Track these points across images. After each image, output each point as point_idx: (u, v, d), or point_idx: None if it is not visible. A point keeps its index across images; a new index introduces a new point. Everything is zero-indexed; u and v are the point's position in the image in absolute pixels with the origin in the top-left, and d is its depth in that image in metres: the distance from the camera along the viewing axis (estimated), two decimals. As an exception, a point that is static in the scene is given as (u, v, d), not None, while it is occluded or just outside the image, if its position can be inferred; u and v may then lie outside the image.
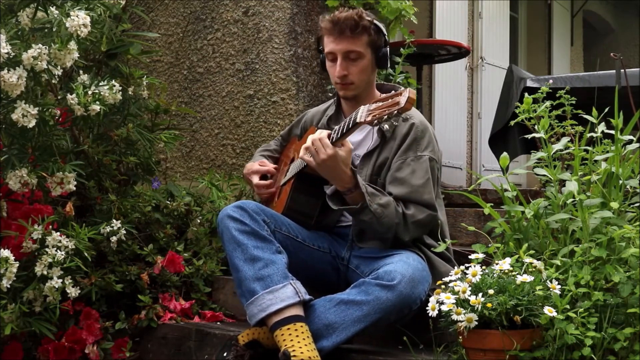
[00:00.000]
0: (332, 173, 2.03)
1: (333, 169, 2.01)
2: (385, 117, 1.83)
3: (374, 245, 2.17)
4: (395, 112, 1.81)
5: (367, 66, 2.21)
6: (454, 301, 1.74)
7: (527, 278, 1.74)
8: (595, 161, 2.09)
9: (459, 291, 1.76)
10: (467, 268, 1.83)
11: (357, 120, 1.90)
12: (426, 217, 2.11)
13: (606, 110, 2.15)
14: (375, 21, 2.21)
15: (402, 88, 1.85)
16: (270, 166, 2.44)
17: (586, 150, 2.12)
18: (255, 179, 2.42)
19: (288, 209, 2.23)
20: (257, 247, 2.02)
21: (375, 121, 1.85)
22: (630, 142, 2.06)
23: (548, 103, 2.29)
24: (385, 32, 2.24)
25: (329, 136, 2.00)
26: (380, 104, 1.86)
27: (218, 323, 2.64)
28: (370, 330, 1.98)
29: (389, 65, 2.29)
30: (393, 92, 1.89)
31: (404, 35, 3.63)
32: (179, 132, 3.04)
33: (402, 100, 1.79)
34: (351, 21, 2.15)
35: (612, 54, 3.31)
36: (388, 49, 2.25)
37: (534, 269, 1.81)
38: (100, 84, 2.27)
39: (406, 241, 2.10)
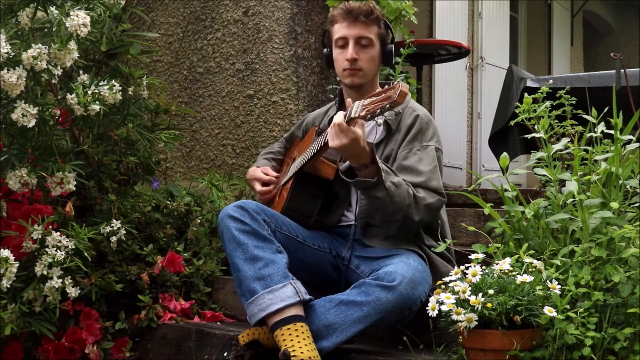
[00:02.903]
0: (352, 154, 1.99)
1: (353, 150, 1.97)
2: (379, 111, 1.84)
3: (378, 242, 2.17)
4: (388, 105, 1.82)
5: (375, 56, 2.27)
6: (454, 301, 1.74)
7: (527, 278, 1.74)
8: (595, 161, 2.09)
9: (459, 291, 1.76)
10: (467, 268, 1.83)
11: (352, 115, 1.91)
12: (437, 202, 2.12)
13: (606, 110, 2.15)
14: (385, 17, 2.30)
15: (396, 82, 1.86)
16: (272, 174, 2.45)
17: (586, 150, 2.12)
18: (258, 186, 2.43)
19: (287, 209, 2.23)
20: (257, 247, 2.03)
21: (369, 115, 1.86)
22: (629, 142, 2.06)
23: (548, 103, 2.29)
24: (392, 30, 2.32)
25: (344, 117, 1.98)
26: (374, 98, 1.88)
27: (218, 323, 2.64)
28: (371, 331, 1.98)
29: (393, 63, 2.33)
30: (387, 87, 1.90)
31: (404, 35, 3.63)
32: (179, 132, 3.04)
33: (395, 94, 1.81)
34: (367, 8, 2.24)
35: (612, 54, 3.30)
36: (393, 47, 2.31)
37: (534, 269, 1.81)
38: (100, 84, 2.27)
39: (416, 222, 2.08)
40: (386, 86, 1.91)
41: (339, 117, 1.97)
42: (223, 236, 2.08)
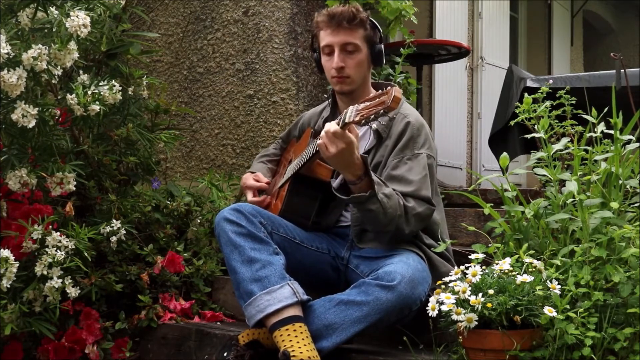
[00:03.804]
0: (345, 163, 1.96)
1: (347, 159, 1.94)
2: (372, 116, 1.83)
3: (373, 246, 2.17)
4: (382, 111, 1.81)
5: (363, 60, 2.23)
6: (454, 301, 1.74)
7: (527, 278, 1.74)
8: (595, 161, 2.09)
9: (459, 291, 1.76)
10: (467, 268, 1.83)
11: (346, 120, 1.90)
12: (426, 211, 2.10)
13: (605, 110, 2.15)
14: (370, 17, 2.24)
15: (390, 87, 1.85)
16: (263, 181, 2.43)
17: (586, 150, 2.12)
18: (250, 196, 2.41)
19: (285, 211, 2.23)
20: (254, 249, 2.02)
21: (363, 121, 1.85)
22: (629, 142, 2.06)
23: (548, 103, 2.29)
24: (380, 29, 2.26)
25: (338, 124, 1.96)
26: (368, 103, 1.87)
27: (218, 323, 2.65)
28: (370, 331, 1.98)
29: (384, 63, 2.30)
30: (380, 91, 1.89)
31: (404, 35, 3.63)
32: (179, 132, 3.04)
33: (388, 99, 1.80)
34: (349, 13, 2.18)
35: (612, 54, 3.30)
36: (382, 46, 2.26)
37: (534, 269, 1.81)
38: (100, 84, 2.27)
39: (406, 234, 2.09)
40: (380, 90, 1.90)
41: (331, 125, 1.94)
42: (220, 239, 2.08)
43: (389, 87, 1.85)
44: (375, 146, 2.21)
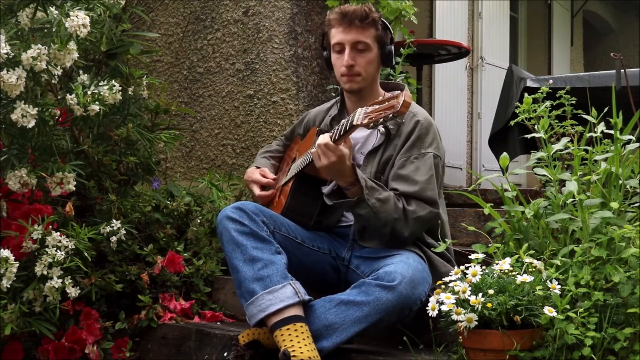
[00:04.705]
0: (336, 173, 2.03)
1: (337, 169, 2.01)
2: (381, 120, 1.84)
3: (375, 245, 2.17)
4: (391, 115, 1.82)
5: (373, 59, 2.23)
6: (454, 301, 1.74)
7: (527, 278, 1.74)
8: (595, 161, 2.09)
9: (459, 291, 1.76)
10: (467, 268, 1.83)
11: (354, 122, 1.91)
12: (428, 214, 2.11)
13: (606, 110, 2.15)
14: (382, 18, 2.25)
15: (399, 90, 1.86)
16: (270, 177, 2.43)
17: (586, 150, 2.12)
18: (257, 190, 2.41)
19: (287, 210, 2.23)
20: (256, 248, 2.03)
21: (372, 124, 1.86)
22: (629, 142, 2.06)
23: (548, 103, 2.29)
24: (391, 30, 2.28)
25: (330, 138, 2.01)
26: (377, 106, 1.88)
27: (218, 323, 2.64)
28: (371, 331, 1.98)
29: (393, 64, 2.31)
30: (390, 94, 1.90)
31: (404, 35, 3.63)
32: (179, 132, 3.04)
33: (398, 104, 1.81)
34: (361, 12, 2.20)
35: (612, 54, 3.30)
36: (393, 47, 2.27)
37: (534, 269, 1.81)
38: (100, 84, 2.27)
39: (406, 237, 2.10)
40: (388, 94, 1.91)
41: (324, 138, 1.99)
42: (222, 238, 2.08)
43: (399, 92, 1.85)
44: (383, 143, 2.21)
